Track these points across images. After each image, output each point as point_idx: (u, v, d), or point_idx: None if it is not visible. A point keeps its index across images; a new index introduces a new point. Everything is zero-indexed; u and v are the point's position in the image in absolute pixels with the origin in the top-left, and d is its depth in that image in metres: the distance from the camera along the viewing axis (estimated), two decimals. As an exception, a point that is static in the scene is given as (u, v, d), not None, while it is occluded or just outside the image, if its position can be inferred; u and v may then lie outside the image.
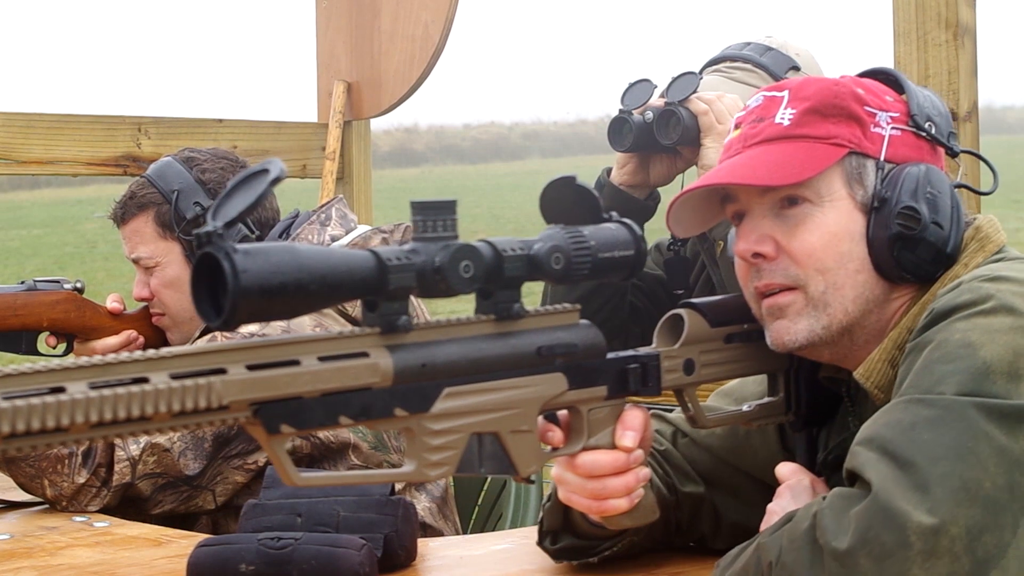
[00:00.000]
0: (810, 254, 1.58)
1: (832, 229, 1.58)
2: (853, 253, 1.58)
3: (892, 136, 1.61)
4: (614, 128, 2.57)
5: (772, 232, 1.60)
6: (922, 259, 1.57)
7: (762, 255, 1.60)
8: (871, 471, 1.37)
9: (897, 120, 1.62)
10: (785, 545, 1.39)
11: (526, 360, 1.39)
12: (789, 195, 1.60)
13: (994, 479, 1.34)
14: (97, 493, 2.30)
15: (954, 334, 1.44)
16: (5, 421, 1.04)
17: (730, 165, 1.63)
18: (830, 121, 1.60)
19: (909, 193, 1.57)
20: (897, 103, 1.64)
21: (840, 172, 1.59)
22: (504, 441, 1.38)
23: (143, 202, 2.59)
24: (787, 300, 1.59)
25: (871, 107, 1.62)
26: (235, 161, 2.64)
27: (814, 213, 1.59)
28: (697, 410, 1.65)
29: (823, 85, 1.63)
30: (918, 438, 1.37)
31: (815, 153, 1.59)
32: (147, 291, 2.63)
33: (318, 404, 1.23)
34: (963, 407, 1.37)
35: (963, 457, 1.34)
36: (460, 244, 1.30)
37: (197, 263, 1.17)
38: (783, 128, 1.61)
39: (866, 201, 1.59)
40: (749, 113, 1.67)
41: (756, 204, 1.62)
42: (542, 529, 1.75)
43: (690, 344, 1.61)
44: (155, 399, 1.11)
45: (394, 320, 1.28)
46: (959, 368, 1.40)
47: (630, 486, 1.55)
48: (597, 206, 1.42)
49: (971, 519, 1.32)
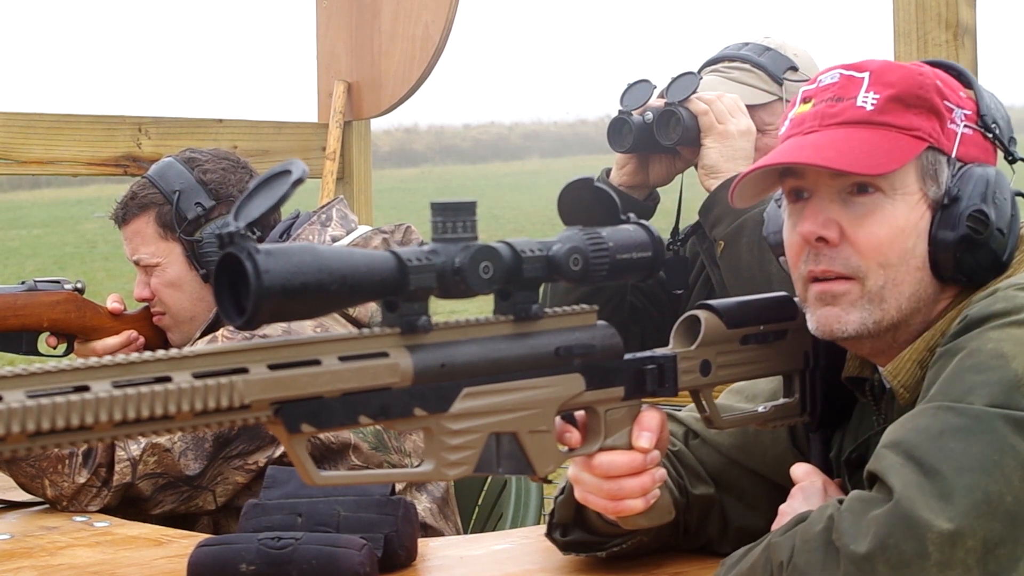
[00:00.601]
0: (876, 247, 1.55)
1: (900, 224, 1.55)
2: (916, 250, 1.55)
3: (964, 134, 1.59)
4: (614, 129, 2.57)
5: (839, 218, 1.56)
6: (981, 264, 1.55)
7: (826, 239, 1.56)
8: (894, 476, 1.36)
9: (968, 118, 1.60)
10: (798, 545, 1.39)
11: (544, 361, 1.40)
12: (861, 182, 1.56)
13: (1017, 494, 1.34)
14: (97, 493, 2.30)
15: (987, 343, 1.42)
16: (31, 419, 1.05)
17: (812, 144, 1.57)
18: (912, 111, 1.57)
19: (980, 196, 1.55)
20: (969, 101, 1.61)
21: (916, 166, 1.56)
22: (522, 441, 1.39)
23: (144, 203, 2.59)
24: (842, 289, 1.56)
25: (950, 102, 1.59)
26: (236, 162, 2.64)
27: (884, 205, 1.55)
28: (713, 411, 1.64)
29: (908, 73, 1.59)
30: (945, 446, 1.36)
31: (899, 144, 1.55)
32: (148, 291, 2.63)
33: (338, 404, 1.24)
34: (992, 419, 1.37)
35: (988, 470, 1.34)
36: (480, 245, 1.30)
37: (219, 263, 1.17)
38: (866, 112, 1.57)
39: (937, 198, 1.56)
40: (823, 89, 1.61)
41: (825, 186, 1.57)
42: (552, 521, 1.75)
43: (706, 345, 1.61)
44: (178, 398, 1.12)
45: (414, 320, 1.28)
46: (990, 379, 1.39)
47: (646, 487, 1.55)
48: (615, 208, 1.43)
49: (989, 532, 1.32)
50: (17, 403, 1.05)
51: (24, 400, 1.05)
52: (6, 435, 1.04)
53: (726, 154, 2.51)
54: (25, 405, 1.05)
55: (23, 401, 1.05)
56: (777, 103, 2.62)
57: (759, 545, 1.45)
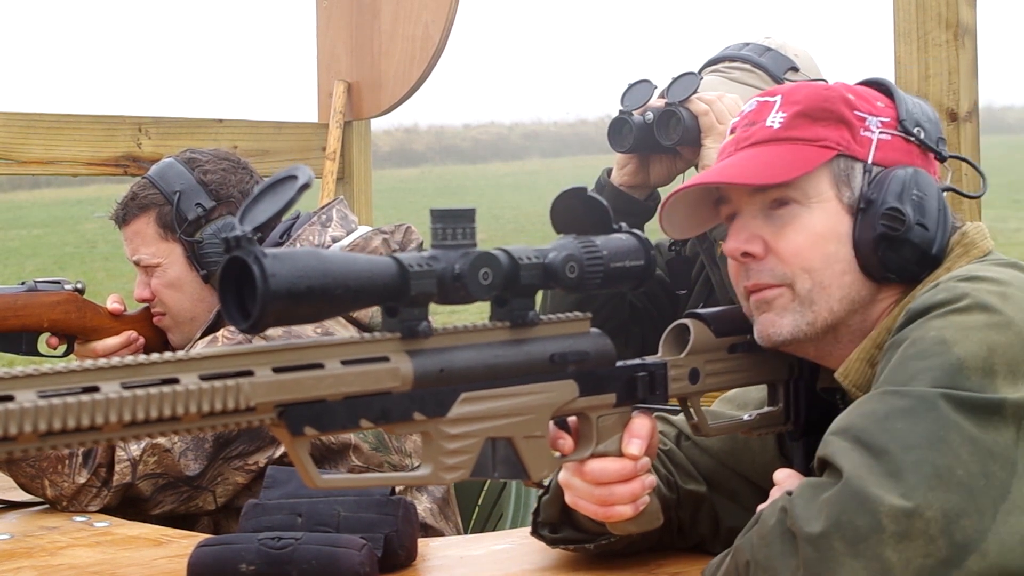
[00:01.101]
0: (796, 253, 1.61)
1: (819, 230, 1.61)
2: (840, 254, 1.61)
3: (881, 140, 1.64)
4: (614, 129, 2.57)
5: (761, 232, 1.63)
6: (907, 260, 1.60)
7: (751, 254, 1.63)
8: (843, 459, 1.38)
9: (887, 125, 1.65)
10: (756, 543, 1.41)
11: (540, 367, 1.42)
12: (778, 196, 1.63)
13: (967, 467, 1.36)
14: (97, 493, 2.30)
15: (929, 331, 1.46)
16: (42, 419, 1.06)
17: (720, 166, 1.67)
18: (819, 124, 1.63)
19: (895, 195, 1.60)
20: (888, 109, 1.67)
21: (828, 174, 1.62)
22: (517, 446, 1.41)
23: (144, 203, 2.59)
24: (774, 294, 1.62)
25: (860, 111, 1.65)
26: (237, 163, 2.64)
27: (801, 213, 1.62)
28: (701, 418, 1.68)
29: (813, 90, 1.66)
30: (891, 427, 1.39)
31: (802, 154, 1.62)
32: (148, 292, 2.63)
33: (341, 407, 1.25)
34: (935, 398, 1.39)
35: (935, 445, 1.36)
36: (479, 252, 1.32)
37: (225, 267, 1.19)
38: (773, 131, 1.65)
39: (853, 202, 1.62)
40: (743, 117, 1.70)
41: (747, 204, 1.65)
42: (538, 519, 1.78)
43: (695, 354, 1.65)
44: (186, 400, 1.14)
45: (414, 326, 1.30)
46: (933, 364, 1.42)
47: (636, 493, 1.59)
48: (607, 216, 1.45)
49: (947, 503, 1.33)
50: (29, 403, 1.06)
51: (36, 400, 1.06)
52: (18, 434, 1.05)
53: (726, 154, 2.50)
54: (37, 405, 1.06)
55: (35, 401, 1.06)
56: (777, 103, 2.61)
57: (731, 552, 1.47)
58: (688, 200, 1.68)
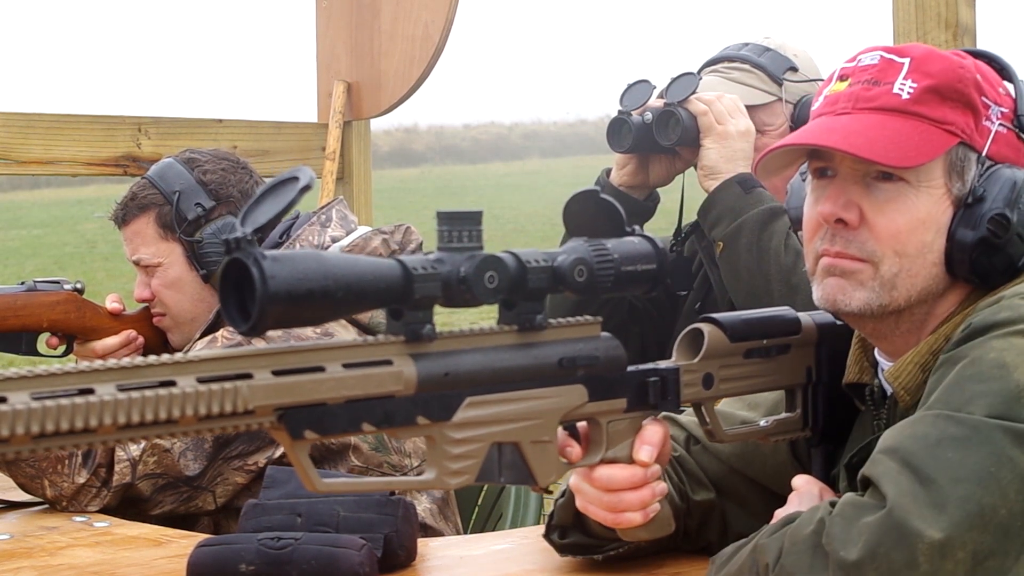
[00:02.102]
0: (894, 235, 1.54)
1: (921, 215, 1.54)
2: (935, 245, 1.54)
3: (998, 133, 1.57)
4: (613, 129, 2.57)
5: (860, 201, 1.55)
6: (996, 268, 1.54)
7: (844, 222, 1.55)
8: (889, 483, 1.35)
9: (1005, 116, 1.58)
10: (786, 547, 1.38)
11: (547, 371, 1.40)
12: (886, 170, 1.54)
13: (1011, 507, 1.33)
14: (97, 493, 2.30)
15: (989, 352, 1.41)
16: (35, 421, 1.05)
17: (843, 128, 1.56)
18: (948, 105, 1.55)
19: (1004, 199, 1.53)
20: (1007, 97, 1.60)
21: (944, 160, 1.55)
22: (524, 451, 1.39)
23: (144, 203, 2.59)
24: (854, 267, 1.55)
25: (988, 98, 1.57)
26: (236, 163, 2.64)
27: (907, 194, 1.54)
28: (715, 424, 1.64)
29: (948, 64, 1.56)
30: (942, 455, 1.35)
31: (929, 138, 1.54)
32: (148, 292, 2.63)
33: (342, 410, 1.24)
34: (991, 430, 1.36)
35: (984, 482, 1.33)
36: (485, 255, 1.31)
37: (225, 269, 1.18)
38: (901, 101, 1.55)
39: (961, 195, 1.55)
40: (861, 70, 1.59)
41: (849, 169, 1.56)
42: (551, 523, 1.76)
43: (709, 358, 1.61)
44: (182, 402, 1.13)
45: (418, 329, 1.29)
46: (991, 389, 1.38)
47: (646, 500, 1.55)
48: (620, 219, 1.43)
49: (980, 545, 1.31)
50: (22, 405, 1.05)
51: (29, 402, 1.05)
52: (11, 436, 1.05)
53: (725, 155, 2.50)
54: (30, 407, 1.05)
55: (28, 403, 1.05)
56: (777, 104, 2.61)
57: (747, 545, 1.45)
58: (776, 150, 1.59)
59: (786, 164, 1.65)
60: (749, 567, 1.42)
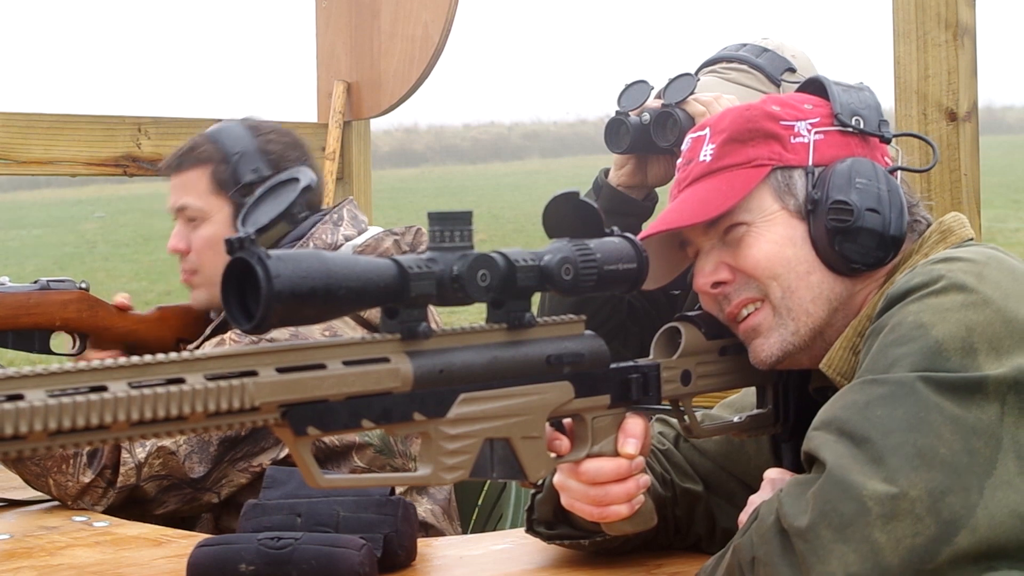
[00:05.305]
0: (756, 264, 1.64)
1: (774, 239, 1.64)
2: (800, 256, 1.64)
3: (816, 141, 1.67)
4: (611, 129, 2.57)
5: (724, 258, 1.67)
6: (866, 247, 1.62)
7: (720, 282, 1.66)
8: (826, 451, 1.40)
9: (820, 124, 1.68)
10: (756, 541, 1.42)
11: (536, 368, 1.43)
12: (728, 224, 1.66)
13: (950, 445, 1.36)
14: (103, 494, 2.31)
15: (907, 316, 1.46)
16: (51, 418, 1.06)
17: (665, 212, 1.71)
18: (748, 145, 1.66)
19: (837, 188, 1.62)
20: (818, 108, 1.69)
21: (768, 189, 1.66)
22: (515, 447, 1.41)
23: (203, 156, 2.57)
24: (758, 320, 1.65)
25: (786, 120, 1.67)
26: (297, 141, 2.63)
27: (753, 232, 1.65)
28: (692, 420, 1.69)
29: (737, 113, 1.70)
30: (871, 415, 1.39)
31: (736, 180, 1.65)
32: (184, 244, 2.59)
33: (342, 407, 1.26)
34: (913, 382, 1.40)
35: (915, 427, 1.37)
36: (477, 254, 1.33)
37: (227, 268, 1.19)
38: (706, 164, 1.68)
39: (799, 208, 1.64)
40: (682, 157, 1.73)
41: (704, 241, 1.69)
42: (532, 517, 1.80)
43: (687, 356, 1.67)
44: (192, 399, 1.14)
45: (414, 327, 1.31)
46: (912, 349, 1.43)
47: (631, 492, 1.60)
48: (599, 221, 1.46)
49: (931, 482, 1.34)
50: (39, 402, 1.06)
51: (46, 399, 1.06)
52: (28, 433, 1.06)
53: (724, 155, 2.50)
54: (47, 404, 1.06)
55: (45, 400, 1.06)
56: (776, 103, 2.62)
57: (727, 551, 1.48)
58: (653, 249, 1.68)
59: (675, 265, 1.77)
60: (736, 568, 1.45)
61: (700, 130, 1.72)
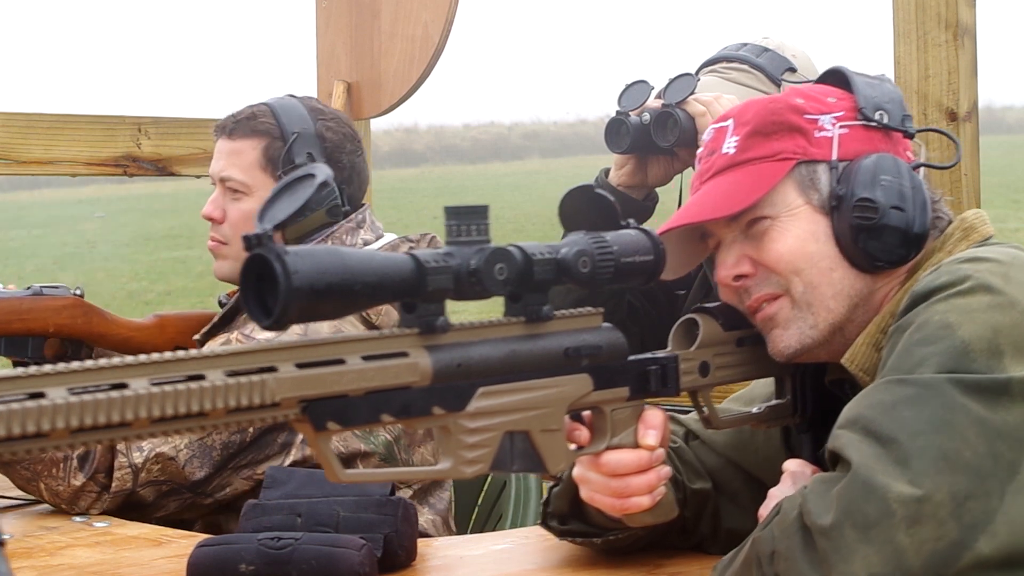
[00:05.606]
0: (779, 259, 1.63)
1: (798, 234, 1.63)
2: (822, 252, 1.63)
3: (841, 135, 1.66)
4: (611, 129, 2.57)
5: (746, 251, 1.66)
6: (890, 244, 1.61)
7: (742, 275, 1.66)
8: (852, 451, 1.40)
9: (844, 118, 1.67)
10: (778, 535, 1.42)
11: (554, 361, 1.43)
12: (751, 217, 1.65)
13: (975, 448, 1.36)
14: (98, 498, 2.28)
15: (933, 316, 1.46)
16: (74, 415, 1.06)
17: (687, 204, 1.70)
18: (773, 139, 1.66)
19: (863, 185, 1.62)
20: (843, 101, 1.68)
21: (792, 183, 1.65)
22: (535, 440, 1.42)
23: (259, 128, 2.53)
24: (775, 309, 1.65)
25: (811, 114, 1.66)
26: (354, 135, 2.60)
27: (776, 226, 1.64)
28: (712, 411, 1.69)
29: (761, 105, 1.68)
30: (898, 416, 1.40)
31: (760, 174, 1.64)
32: (219, 213, 2.55)
33: (362, 402, 1.26)
34: (940, 383, 1.40)
35: (940, 429, 1.37)
36: (494, 247, 1.33)
37: (245, 265, 1.19)
38: (730, 157, 1.67)
39: (823, 203, 1.64)
40: (704, 148, 1.72)
41: (726, 233, 1.68)
42: (548, 510, 1.80)
43: (705, 347, 1.67)
44: (212, 395, 1.14)
45: (432, 321, 1.31)
46: (938, 349, 1.43)
47: (652, 484, 1.60)
48: (615, 213, 1.47)
49: (954, 486, 1.34)
50: (61, 399, 1.06)
51: (68, 397, 1.07)
52: (52, 431, 1.06)
53: (724, 155, 2.50)
54: (69, 401, 1.06)
55: (67, 398, 1.06)
56: (776, 103, 2.61)
57: (745, 545, 1.48)
58: (672, 241, 1.68)
59: (693, 256, 1.75)
60: (754, 561, 1.45)
61: (722, 121, 1.71)
